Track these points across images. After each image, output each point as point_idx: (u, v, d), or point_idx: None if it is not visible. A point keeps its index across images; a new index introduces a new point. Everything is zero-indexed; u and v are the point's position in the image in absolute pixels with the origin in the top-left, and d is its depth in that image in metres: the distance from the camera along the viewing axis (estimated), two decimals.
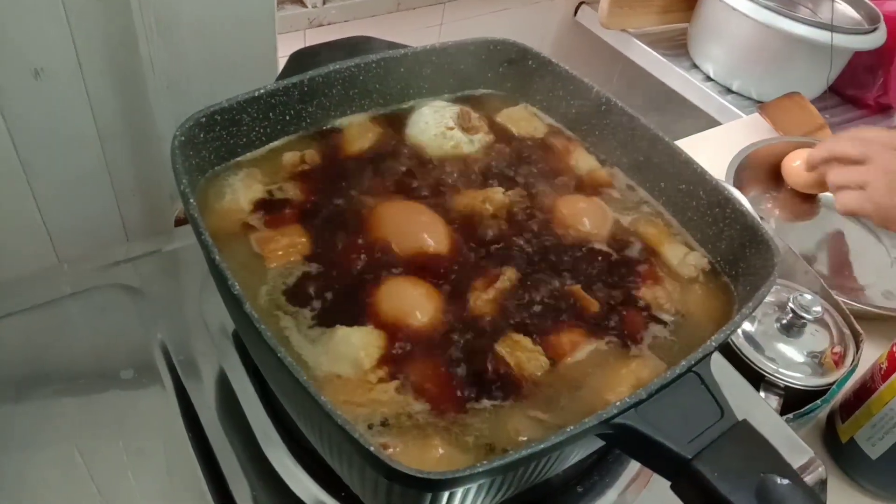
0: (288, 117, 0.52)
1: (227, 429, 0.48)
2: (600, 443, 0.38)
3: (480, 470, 0.31)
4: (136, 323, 0.54)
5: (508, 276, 0.46)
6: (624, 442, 0.35)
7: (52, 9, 0.54)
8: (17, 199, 0.63)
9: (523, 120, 0.58)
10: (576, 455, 0.38)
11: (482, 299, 0.44)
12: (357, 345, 0.40)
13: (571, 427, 0.33)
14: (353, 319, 0.43)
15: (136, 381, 0.50)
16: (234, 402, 0.49)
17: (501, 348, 0.42)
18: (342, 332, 0.41)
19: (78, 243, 0.70)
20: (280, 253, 0.46)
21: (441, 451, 0.38)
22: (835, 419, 0.69)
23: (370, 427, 0.38)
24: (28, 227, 0.66)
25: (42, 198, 0.65)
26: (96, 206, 0.69)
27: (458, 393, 0.40)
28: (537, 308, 0.45)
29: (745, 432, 0.35)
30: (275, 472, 0.46)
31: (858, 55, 1.18)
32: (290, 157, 0.51)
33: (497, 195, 0.51)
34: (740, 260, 0.48)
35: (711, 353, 0.38)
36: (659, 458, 0.35)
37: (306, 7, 1.05)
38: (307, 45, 0.58)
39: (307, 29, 1.04)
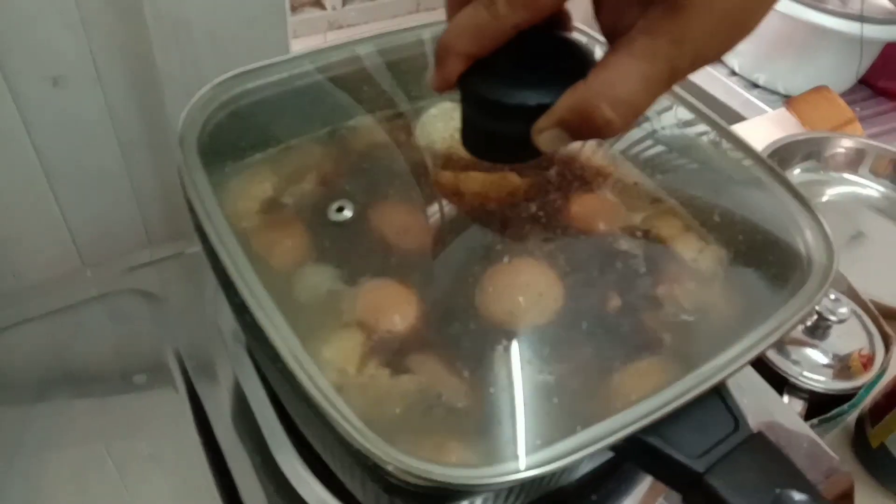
0: (298, 119, 0.52)
1: (240, 434, 0.49)
2: (611, 454, 0.37)
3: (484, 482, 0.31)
4: (152, 328, 0.55)
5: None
6: (634, 455, 0.34)
7: (67, 17, 0.54)
8: (40, 202, 0.64)
9: None
10: (585, 467, 0.38)
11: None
12: (334, 360, 0.39)
13: None
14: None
15: (150, 386, 0.51)
16: (245, 407, 0.49)
17: None
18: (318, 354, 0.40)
19: (102, 246, 0.71)
20: (285, 255, 0.45)
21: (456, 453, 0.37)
22: (864, 424, 0.67)
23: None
24: (52, 230, 0.67)
25: (65, 201, 0.66)
26: (118, 209, 0.70)
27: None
28: None
29: (760, 445, 0.34)
30: (284, 478, 0.46)
31: (890, 46, 1.14)
32: (298, 159, 0.51)
33: (503, 181, 0.50)
34: (768, 266, 0.47)
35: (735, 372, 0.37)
36: (670, 472, 0.34)
37: (325, 10, 1.05)
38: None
39: (327, 31, 1.04)
